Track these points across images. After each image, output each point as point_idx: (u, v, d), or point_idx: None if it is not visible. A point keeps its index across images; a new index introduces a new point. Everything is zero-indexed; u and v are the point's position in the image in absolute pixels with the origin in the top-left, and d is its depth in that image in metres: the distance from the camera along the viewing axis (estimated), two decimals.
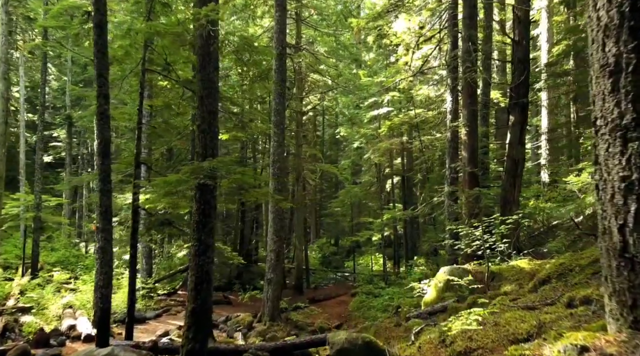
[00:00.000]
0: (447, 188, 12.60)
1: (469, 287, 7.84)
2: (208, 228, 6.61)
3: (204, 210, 6.60)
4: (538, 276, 5.63)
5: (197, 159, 6.66)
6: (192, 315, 6.38)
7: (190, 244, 6.69)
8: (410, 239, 25.79)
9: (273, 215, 13.76)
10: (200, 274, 6.48)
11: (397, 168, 26.68)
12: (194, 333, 6.30)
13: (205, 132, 6.68)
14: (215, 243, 21.18)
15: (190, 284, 6.52)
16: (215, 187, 6.67)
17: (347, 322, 15.74)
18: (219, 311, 16.09)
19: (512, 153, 11.74)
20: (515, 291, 6.43)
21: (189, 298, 6.48)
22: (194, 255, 6.57)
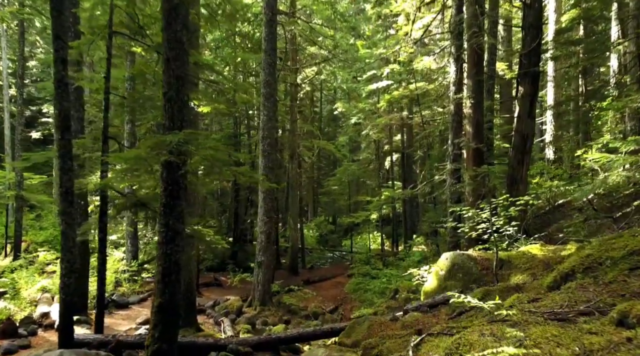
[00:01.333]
0: (450, 166, 11.71)
1: (474, 276, 7.04)
2: (177, 212, 5.75)
3: (171, 192, 5.72)
4: (560, 269, 4.78)
5: (163, 132, 5.74)
6: (159, 311, 5.58)
7: (157, 230, 5.84)
8: (410, 218, 25.04)
9: (263, 194, 12.91)
10: (168, 264, 5.65)
11: (396, 144, 25.73)
12: (160, 332, 5.51)
13: (172, 101, 5.74)
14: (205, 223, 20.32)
15: (157, 276, 5.69)
16: (184, 164, 5.78)
17: (343, 305, 15.07)
18: (208, 294, 15.41)
19: (521, 127, 10.80)
20: (530, 284, 5.60)
21: (156, 292, 5.67)
22: (160, 243, 5.72)
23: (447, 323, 5.22)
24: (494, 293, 5.64)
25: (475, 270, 7.08)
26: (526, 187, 11.23)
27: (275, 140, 19.29)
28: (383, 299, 14.02)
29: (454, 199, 11.61)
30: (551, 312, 3.31)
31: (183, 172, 5.81)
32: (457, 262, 7.29)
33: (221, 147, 5.88)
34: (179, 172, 5.76)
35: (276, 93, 14.03)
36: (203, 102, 9.30)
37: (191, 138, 5.58)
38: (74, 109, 10.56)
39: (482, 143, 11.12)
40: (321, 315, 13.02)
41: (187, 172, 5.87)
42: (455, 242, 11.25)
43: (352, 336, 6.33)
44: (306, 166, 33.72)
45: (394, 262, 18.36)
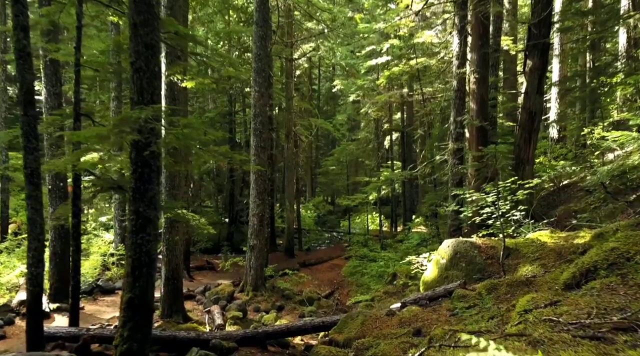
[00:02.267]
0: (452, 146, 11.06)
1: (478, 266, 6.48)
2: (148, 198, 5.12)
3: (141, 175, 5.09)
4: (579, 264, 4.19)
5: (131, 107, 5.07)
6: (128, 307, 5.01)
7: (127, 217, 5.23)
8: (409, 198, 24.50)
9: (255, 175, 12.28)
10: (139, 256, 5.05)
11: (396, 123, 24.98)
12: (130, 331, 4.95)
13: (141, 71, 5.06)
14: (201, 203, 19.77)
15: (127, 268, 5.10)
16: (156, 144, 5.14)
17: (339, 289, 14.61)
18: (200, 278, 14.93)
19: (529, 104, 10.11)
20: (541, 278, 5.02)
21: (125, 286, 5.09)
22: (130, 232, 5.12)
23: (449, 324, 4.67)
24: (501, 287, 5.08)
25: (479, 259, 6.51)
26: (533, 168, 10.62)
27: (270, 118, 18.58)
28: (380, 284, 13.55)
29: (456, 180, 11.00)
30: (579, 324, 2.72)
31: (155, 153, 5.17)
32: (459, 250, 6.72)
33: (196, 125, 5.22)
34: (150, 153, 5.12)
35: (269, 68, 13.28)
36: (187, 76, 8.58)
37: (162, 114, 4.91)
38: (50, 84, 9.89)
39: (487, 121, 10.45)
40: (316, 300, 12.54)
41: (158, 152, 5.22)
42: (456, 226, 10.69)
43: (344, 332, 5.79)
44: (304, 145, 33.01)
45: (392, 244, 17.86)
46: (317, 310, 11.97)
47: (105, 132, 4.64)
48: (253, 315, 11.31)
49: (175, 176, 9.38)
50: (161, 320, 9.35)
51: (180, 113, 9.43)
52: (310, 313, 11.58)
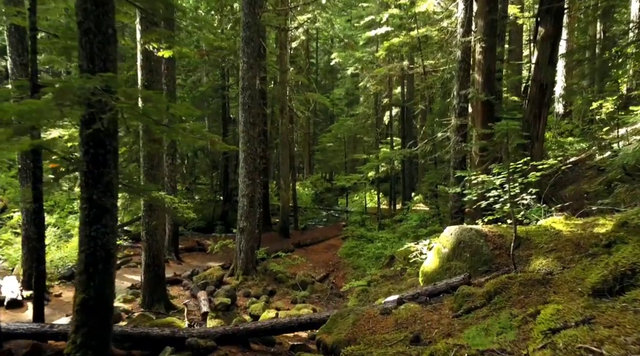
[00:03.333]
0: (455, 121, 10.25)
1: (484, 257, 5.79)
2: (103, 183, 4.39)
3: (94, 157, 4.34)
4: (610, 264, 3.48)
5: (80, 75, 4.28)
6: (82, 309, 4.33)
7: (79, 206, 4.51)
8: (409, 175, 23.78)
9: (244, 154, 11.52)
10: (93, 250, 4.35)
11: (396, 98, 24.04)
12: (85, 337, 4.29)
13: (91, 34, 4.26)
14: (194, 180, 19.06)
15: (79, 265, 4.41)
16: (112, 121, 4.37)
17: (335, 272, 14.03)
18: (189, 260, 14.34)
19: (539, 75, 9.29)
20: (560, 276, 4.32)
21: (78, 285, 4.41)
22: (82, 223, 4.41)
23: (453, 330, 4.00)
24: (513, 286, 4.39)
25: (485, 250, 5.82)
26: (542, 146, 9.87)
27: (263, 93, 17.70)
28: (377, 266, 12.96)
29: (458, 159, 10.24)
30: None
31: (110, 131, 4.40)
32: (463, 239, 6.02)
33: (157, 98, 4.43)
34: (104, 131, 4.36)
35: (259, 38, 12.36)
36: (163, 45, 7.73)
37: (115, 84, 4.12)
38: (15, 53, 9.02)
39: (493, 94, 9.62)
40: (310, 284, 11.95)
41: (114, 130, 4.46)
42: (458, 208, 9.99)
43: (333, 333, 5.14)
44: (301, 121, 32.09)
45: (390, 224, 17.23)
46: (311, 295, 11.40)
47: (41, 105, 3.87)
48: (243, 300, 10.74)
49: (154, 155, 8.62)
50: (141, 309, 8.76)
51: (157, 85, 8.61)
52: (303, 299, 11.02)
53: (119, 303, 8.82)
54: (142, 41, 8.03)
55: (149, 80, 8.42)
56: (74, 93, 3.89)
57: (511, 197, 5.69)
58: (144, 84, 8.42)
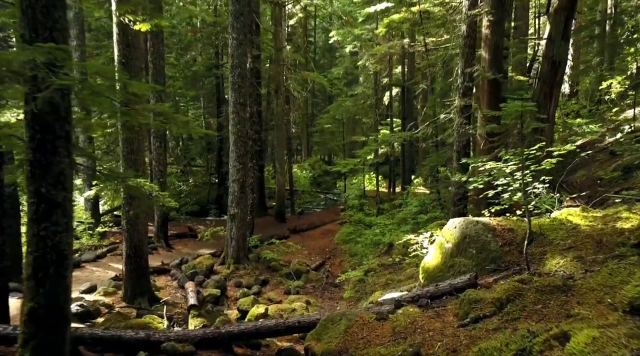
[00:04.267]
0: (458, 102, 9.56)
1: (492, 253, 5.19)
2: (53, 174, 3.76)
3: (41, 142, 3.70)
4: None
5: None
6: (31, 320, 3.75)
7: (27, 201, 3.89)
8: (409, 158, 23.12)
9: (234, 136, 10.86)
10: (43, 252, 3.75)
11: (396, 77, 23.23)
12: (35, 352, 3.72)
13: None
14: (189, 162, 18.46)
15: (27, 269, 3.80)
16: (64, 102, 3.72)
17: (331, 259, 13.51)
18: (180, 247, 13.81)
19: (552, 52, 8.58)
20: (584, 282, 3.73)
21: (26, 292, 3.81)
22: (30, 220, 3.80)
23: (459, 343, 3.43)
24: (528, 293, 3.80)
25: (493, 246, 5.22)
26: (553, 128, 9.22)
27: (257, 71, 16.93)
28: (375, 254, 12.42)
29: (462, 143, 9.58)
30: None
31: (60, 113, 3.76)
32: (469, 233, 5.42)
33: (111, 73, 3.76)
34: (55, 113, 3.71)
35: (250, 12, 11.58)
36: (139, 17, 7.01)
37: (62, 58, 3.45)
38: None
39: (501, 72, 8.91)
40: (304, 273, 11.44)
41: (66, 112, 3.81)
42: (461, 194, 9.39)
43: (323, 340, 4.58)
44: (299, 102, 31.28)
45: (389, 209, 16.66)
46: (305, 285, 10.89)
47: None
48: (234, 291, 10.23)
49: (133, 139, 7.97)
50: (123, 303, 8.23)
51: (137, 62, 7.90)
52: (297, 289, 10.51)
53: (99, 296, 8.29)
54: (117, 13, 7.30)
55: (126, 56, 7.72)
56: (12, 66, 3.23)
57: (525, 186, 5.07)
58: (121, 61, 7.72)
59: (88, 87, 3.52)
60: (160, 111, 4.14)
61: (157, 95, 12.57)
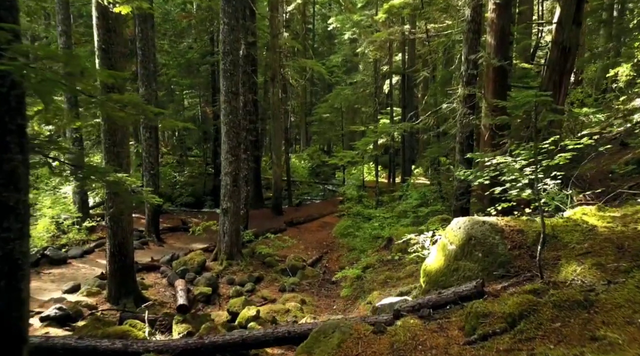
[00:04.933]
0: (462, 91, 9.05)
1: (500, 257, 4.74)
2: (4, 174, 3.28)
3: None
4: None
5: None
6: None
7: None
8: (409, 147, 22.60)
9: (227, 127, 10.37)
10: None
11: (396, 65, 22.63)
12: None
13: None
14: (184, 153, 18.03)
15: None
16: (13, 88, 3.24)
17: (328, 254, 13.10)
18: (172, 241, 13.37)
19: (562, 37, 8.04)
20: (610, 297, 3.27)
21: None
22: None
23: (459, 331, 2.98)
24: (544, 309, 3.36)
25: (501, 249, 4.77)
26: (562, 119, 8.71)
27: (253, 59, 16.36)
28: (374, 249, 11.99)
29: (465, 133, 9.10)
30: None
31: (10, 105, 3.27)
32: (475, 235, 4.96)
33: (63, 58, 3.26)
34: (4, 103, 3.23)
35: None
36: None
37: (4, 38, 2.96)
38: None
39: (508, 59, 8.40)
40: (300, 269, 11.02)
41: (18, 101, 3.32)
42: (464, 188, 8.93)
43: (315, 355, 4.15)
44: (298, 90, 30.67)
45: (389, 201, 16.23)
46: (301, 281, 10.49)
47: None
48: (226, 288, 9.82)
49: (116, 130, 7.48)
50: (107, 303, 7.81)
51: (118, 48, 7.38)
52: (292, 286, 10.10)
53: (82, 296, 7.87)
54: None
55: (107, 41, 7.20)
56: None
57: (536, 184, 4.61)
58: (101, 46, 7.20)
59: (36, 74, 3.02)
60: (130, 101, 3.65)
61: (146, 83, 12.06)
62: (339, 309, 8.87)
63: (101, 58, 7.25)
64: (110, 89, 7.35)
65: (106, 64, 7.25)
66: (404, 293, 7.16)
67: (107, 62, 7.25)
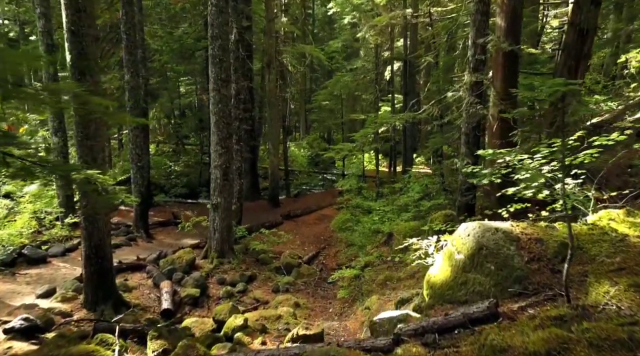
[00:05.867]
0: (469, 78, 8.34)
1: (516, 271, 4.11)
2: None
3: None
4: None
5: None
6: None
7: None
8: (410, 136, 21.88)
9: (216, 117, 9.69)
10: None
11: (398, 51, 21.81)
12: None
13: None
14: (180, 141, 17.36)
15: None
16: None
17: (326, 249, 12.52)
18: (162, 237, 12.79)
19: (579, 18, 7.34)
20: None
21: None
22: None
23: None
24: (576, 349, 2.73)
25: (517, 262, 4.14)
26: None
27: (248, 44, 15.59)
28: (374, 244, 11.40)
29: (472, 124, 8.40)
30: None
31: None
32: (486, 244, 4.33)
33: None
34: None
35: None
36: None
37: None
38: None
39: (519, 43, 7.67)
40: (296, 267, 10.45)
41: None
42: (470, 184, 8.27)
43: None
44: (297, 77, 29.86)
45: (389, 192, 15.59)
46: (296, 281, 9.92)
47: None
48: (216, 288, 9.26)
49: (90, 122, 6.81)
50: (83, 310, 7.24)
51: (91, 31, 6.68)
52: (287, 286, 9.54)
53: (56, 302, 7.29)
54: None
55: (76, 23, 6.51)
56: None
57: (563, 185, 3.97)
58: (70, 28, 6.51)
59: None
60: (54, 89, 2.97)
61: (132, 70, 11.35)
62: (335, 313, 8.30)
63: (70, 41, 6.56)
64: (81, 74, 6.71)
65: (76, 47, 6.57)
66: (404, 300, 6.56)
67: (77, 46, 6.57)
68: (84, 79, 6.68)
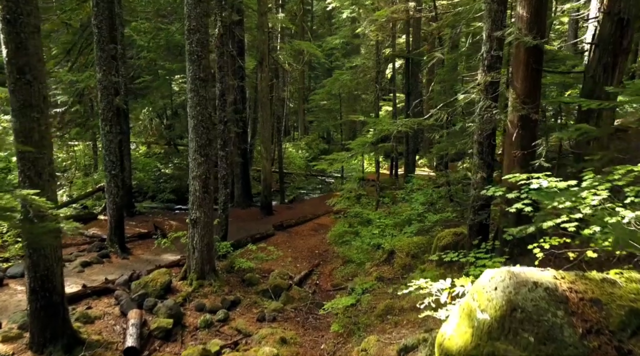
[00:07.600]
0: (483, 77, 7.19)
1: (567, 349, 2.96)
2: None
3: None
4: None
5: None
6: None
7: None
8: (413, 137, 20.72)
9: (194, 121, 8.56)
10: None
11: (400, 48, 20.64)
12: None
13: None
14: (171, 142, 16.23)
15: None
16: None
17: (320, 266, 11.38)
18: (140, 252, 11.65)
19: (617, 6, 6.20)
20: None
21: None
22: None
23: None
24: None
25: (569, 335, 2.99)
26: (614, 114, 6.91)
27: (240, 40, 14.45)
28: (373, 261, 10.24)
29: (487, 131, 7.24)
30: None
31: None
32: (522, 306, 3.19)
33: None
34: None
35: None
36: None
37: None
38: None
39: (544, 36, 6.51)
40: (285, 290, 9.31)
41: None
42: (484, 201, 7.12)
43: None
44: (295, 75, 28.72)
45: (389, 200, 14.46)
46: (285, 307, 8.78)
47: None
48: (194, 317, 8.14)
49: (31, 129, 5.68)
50: (29, 351, 6.11)
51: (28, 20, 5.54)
52: (274, 314, 8.41)
53: None
54: None
55: (12, 11, 5.39)
56: None
57: None
58: (5, 17, 5.39)
59: None
60: None
61: (104, 68, 10.21)
62: (327, 351, 7.16)
63: (6, 32, 5.44)
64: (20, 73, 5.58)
65: (14, 39, 5.45)
66: (408, 348, 5.43)
67: (15, 38, 5.45)
68: (23, 78, 5.56)
